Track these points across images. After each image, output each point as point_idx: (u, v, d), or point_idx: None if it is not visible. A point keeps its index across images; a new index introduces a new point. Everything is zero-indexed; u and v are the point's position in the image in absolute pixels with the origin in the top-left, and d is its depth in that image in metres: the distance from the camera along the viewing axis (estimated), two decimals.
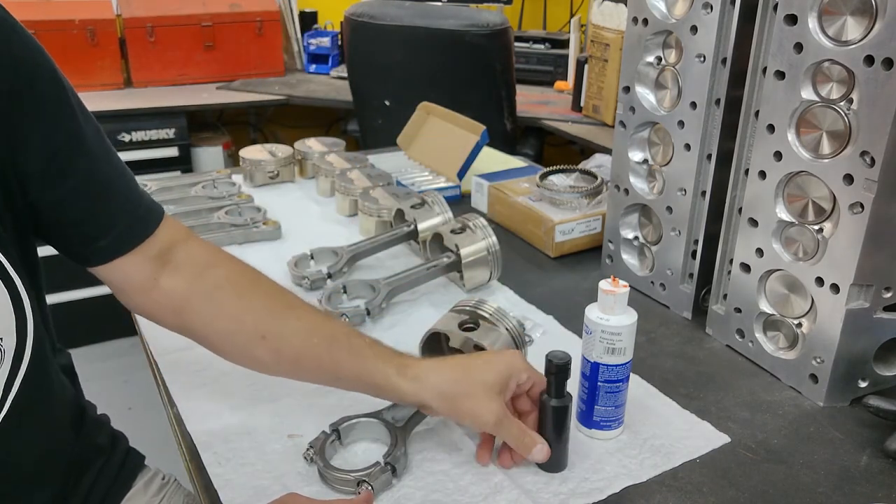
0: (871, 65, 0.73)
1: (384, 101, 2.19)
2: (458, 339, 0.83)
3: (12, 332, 0.68)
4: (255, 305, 0.78)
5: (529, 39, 2.74)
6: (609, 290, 0.75)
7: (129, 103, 2.40)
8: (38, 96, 0.68)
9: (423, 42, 2.03)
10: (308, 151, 1.55)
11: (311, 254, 1.15)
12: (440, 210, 1.18)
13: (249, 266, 0.83)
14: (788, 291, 0.88)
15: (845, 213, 0.78)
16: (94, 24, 2.44)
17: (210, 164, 2.60)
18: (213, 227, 1.26)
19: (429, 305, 1.06)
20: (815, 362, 0.85)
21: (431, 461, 0.75)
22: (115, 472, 0.89)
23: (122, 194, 0.76)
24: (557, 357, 0.70)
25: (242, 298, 0.79)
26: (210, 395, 0.85)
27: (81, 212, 0.73)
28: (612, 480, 0.73)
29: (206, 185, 1.42)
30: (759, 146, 0.87)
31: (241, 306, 0.78)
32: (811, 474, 0.75)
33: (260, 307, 0.78)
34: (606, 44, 2.09)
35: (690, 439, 0.79)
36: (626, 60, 1.04)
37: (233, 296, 0.79)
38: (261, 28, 2.69)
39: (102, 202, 0.74)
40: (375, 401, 0.83)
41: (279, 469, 0.74)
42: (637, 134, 1.06)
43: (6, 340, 0.67)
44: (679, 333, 1.01)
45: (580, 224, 1.23)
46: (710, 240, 1.00)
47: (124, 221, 0.75)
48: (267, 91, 2.55)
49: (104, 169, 0.75)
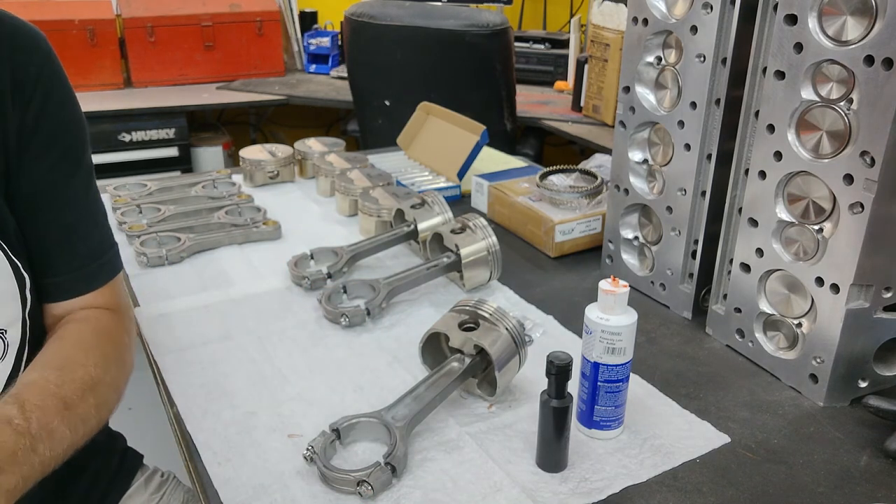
0: (871, 65, 0.73)
1: (384, 101, 2.19)
2: (458, 339, 0.83)
3: (18, 325, 0.69)
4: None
5: (529, 39, 2.74)
6: (609, 290, 0.75)
7: (129, 103, 2.40)
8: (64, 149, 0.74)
9: (423, 42, 2.03)
10: (308, 151, 1.55)
11: (311, 254, 1.15)
12: (440, 210, 1.18)
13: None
14: (788, 291, 0.88)
15: (845, 213, 0.78)
16: (94, 24, 2.44)
17: (210, 164, 2.60)
18: (213, 227, 1.26)
19: (429, 305, 1.06)
20: (815, 362, 0.85)
21: (431, 461, 0.75)
22: (114, 471, 0.90)
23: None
24: (558, 358, 0.70)
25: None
26: (210, 394, 0.85)
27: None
28: (612, 480, 0.73)
29: (206, 185, 1.43)
30: (759, 146, 0.87)
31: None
32: (811, 474, 0.75)
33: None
34: (606, 44, 2.09)
35: (690, 439, 0.79)
36: (626, 60, 1.04)
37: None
38: (261, 28, 2.69)
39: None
40: (375, 401, 0.83)
41: (279, 469, 0.74)
42: (637, 134, 1.06)
43: (11, 332, 0.68)
44: (679, 333, 1.01)
45: (580, 224, 1.23)
46: (710, 240, 1.00)
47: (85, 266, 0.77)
48: (267, 91, 2.55)
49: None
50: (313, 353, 0.94)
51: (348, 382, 0.88)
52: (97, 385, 0.69)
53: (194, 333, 0.98)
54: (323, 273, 1.09)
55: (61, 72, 0.74)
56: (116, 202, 1.33)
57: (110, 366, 0.73)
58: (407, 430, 0.76)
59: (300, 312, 1.03)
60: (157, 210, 1.30)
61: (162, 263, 1.17)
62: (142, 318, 1.01)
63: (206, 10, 2.61)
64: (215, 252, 1.22)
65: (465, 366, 0.83)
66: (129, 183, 1.42)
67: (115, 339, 0.77)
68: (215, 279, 1.13)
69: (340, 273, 1.11)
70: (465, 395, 0.86)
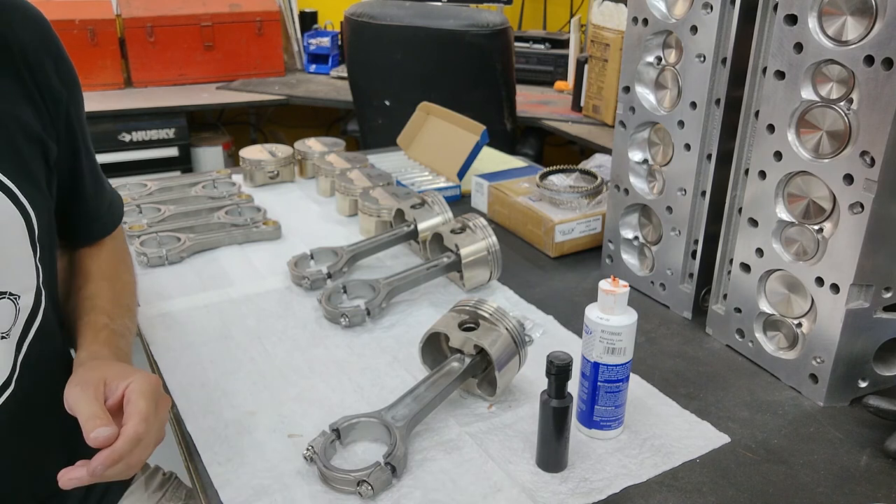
0: (871, 65, 0.73)
1: (384, 101, 2.19)
2: (458, 339, 0.83)
3: (31, 292, 0.73)
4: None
5: (529, 39, 2.74)
6: (609, 290, 0.75)
7: (129, 103, 2.40)
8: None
9: (423, 42, 2.03)
10: (308, 151, 1.55)
11: (311, 254, 1.15)
12: (440, 210, 1.18)
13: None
14: (788, 291, 0.88)
15: (845, 213, 0.78)
16: (94, 24, 2.44)
17: (210, 164, 2.60)
18: (214, 227, 1.26)
19: (429, 305, 1.06)
20: (815, 362, 0.85)
21: (431, 461, 0.75)
22: None
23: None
24: (558, 358, 0.70)
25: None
26: (210, 394, 0.85)
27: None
28: (612, 480, 0.73)
29: (206, 185, 1.43)
30: (759, 146, 0.87)
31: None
32: (811, 474, 0.75)
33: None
34: (606, 44, 2.09)
35: (690, 439, 0.79)
36: (626, 60, 1.04)
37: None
38: (261, 28, 2.69)
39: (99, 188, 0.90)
40: (375, 401, 0.83)
41: (279, 469, 0.74)
42: (637, 134, 1.06)
43: (24, 298, 0.72)
44: (679, 333, 1.01)
45: (580, 224, 1.23)
46: (710, 240, 1.00)
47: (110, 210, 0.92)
48: (267, 91, 2.55)
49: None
50: (313, 353, 0.94)
51: (348, 382, 0.88)
52: (132, 286, 0.91)
53: (194, 333, 0.98)
54: (323, 273, 1.09)
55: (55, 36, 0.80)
56: None
57: (132, 271, 0.93)
58: (407, 430, 0.76)
59: (300, 312, 1.03)
60: (158, 210, 1.30)
61: (162, 263, 1.17)
62: (142, 318, 1.01)
63: (205, 10, 2.61)
64: (215, 252, 1.22)
65: (465, 366, 0.83)
66: (130, 183, 1.42)
67: (127, 249, 0.96)
68: (215, 279, 1.13)
69: (340, 273, 1.11)
70: (465, 395, 0.86)
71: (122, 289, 0.88)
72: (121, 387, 0.67)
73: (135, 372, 0.69)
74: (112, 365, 0.72)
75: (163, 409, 0.69)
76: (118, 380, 0.67)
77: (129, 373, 0.69)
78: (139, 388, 0.66)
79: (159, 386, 0.70)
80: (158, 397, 0.69)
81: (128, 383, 0.67)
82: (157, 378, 0.71)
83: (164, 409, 0.69)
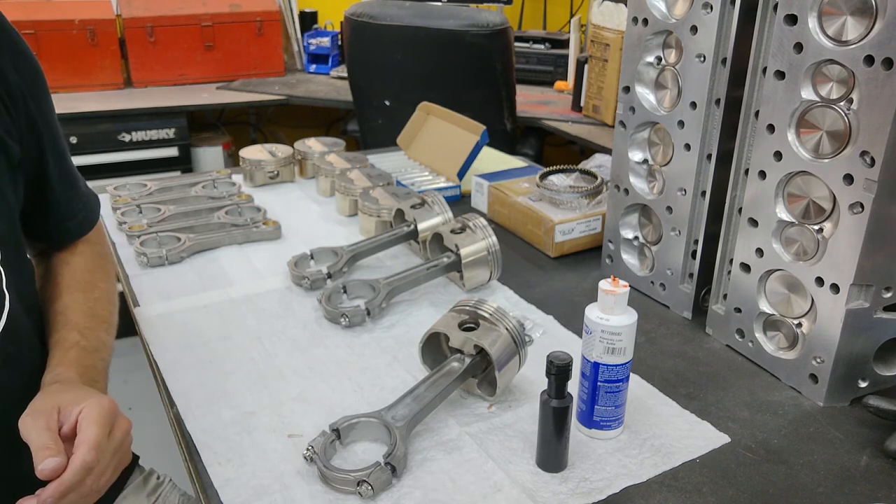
0: (871, 65, 0.73)
1: (384, 101, 2.19)
2: (458, 339, 0.83)
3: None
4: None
5: (529, 39, 2.73)
6: (609, 290, 0.75)
7: (129, 103, 2.40)
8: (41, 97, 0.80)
9: (423, 42, 2.03)
10: (308, 151, 1.55)
11: (311, 254, 1.15)
12: (440, 210, 1.18)
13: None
14: (788, 291, 0.88)
15: (845, 213, 0.78)
16: (94, 24, 2.44)
17: (210, 164, 2.60)
18: (214, 227, 1.26)
19: (429, 305, 1.06)
20: (815, 362, 0.85)
21: (431, 461, 0.75)
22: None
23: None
24: (558, 358, 0.70)
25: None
26: (210, 395, 0.85)
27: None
28: (612, 480, 0.73)
29: (206, 185, 1.43)
30: (759, 146, 0.87)
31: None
32: (811, 474, 0.75)
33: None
34: (606, 44, 2.09)
35: (690, 439, 0.79)
36: (626, 60, 1.04)
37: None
38: (261, 28, 2.69)
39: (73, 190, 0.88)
40: (375, 401, 0.83)
41: (279, 469, 0.74)
42: (637, 134, 1.06)
43: None
44: (679, 333, 1.01)
45: (580, 224, 1.23)
46: (710, 240, 1.00)
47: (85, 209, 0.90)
48: (267, 91, 2.55)
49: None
50: (313, 353, 0.94)
51: (348, 382, 0.88)
52: (111, 294, 0.88)
53: (194, 333, 0.98)
54: (323, 273, 1.09)
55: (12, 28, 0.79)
56: (116, 202, 1.34)
57: (111, 278, 0.90)
58: (407, 430, 0.76)
59: (300, 312, 1.03)
60: (157, 210, 1.30)
61: (162, 263, 1.17)
62: (142, 318, 1.01)
63: (206, 10, 2.61)
64: (215, 252, 1.22)
65: (465, 366, 0.83)
66: (129, 183, 1.42)
67: (106, 254, 0.93)
68: (215, 279, 1.13)
69: (340, 273, 1.11)
70: (465, 395, 0.86)
71: (97, 299, 0.85)
72: (74, 413, 0.65)
73: (89, 396, 0.67)
74: (69, 389, 0.70)
75: (119, 433, 0.67)
76: (71, 405, 0.65)
77: (83, 398, 0.66)
78: (90, 414, 0.64)
79: (114, 410, 0.67)
80: (113, 421, 0.66)
81: (80, 409, 0.65)
82: (111, 401, 0.68)
83: (120, 433, 0.67)
